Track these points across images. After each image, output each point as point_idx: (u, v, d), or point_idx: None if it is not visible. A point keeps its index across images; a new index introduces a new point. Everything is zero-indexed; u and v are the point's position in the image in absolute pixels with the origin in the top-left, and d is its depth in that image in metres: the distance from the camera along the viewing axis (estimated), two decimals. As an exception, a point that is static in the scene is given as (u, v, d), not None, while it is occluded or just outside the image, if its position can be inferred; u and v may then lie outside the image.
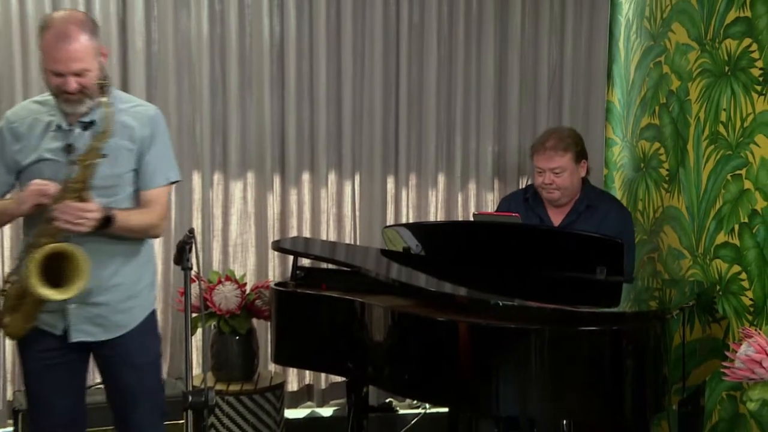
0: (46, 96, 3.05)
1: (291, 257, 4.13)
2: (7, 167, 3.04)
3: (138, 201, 3.10)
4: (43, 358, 3.06)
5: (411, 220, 4.93)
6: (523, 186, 4.81)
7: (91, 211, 2.82)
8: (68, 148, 2.92)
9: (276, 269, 4.80)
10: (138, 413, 3.11)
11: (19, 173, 3.03)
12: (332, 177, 4.85)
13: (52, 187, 2.86)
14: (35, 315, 2.97)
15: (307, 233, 4.82)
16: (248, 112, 4.65)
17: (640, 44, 4.70)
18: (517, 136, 5.00)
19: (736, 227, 3.87)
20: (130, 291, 3.11)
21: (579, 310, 3.15)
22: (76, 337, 3.03)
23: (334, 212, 4.88)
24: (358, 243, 4.87)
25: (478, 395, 3.09)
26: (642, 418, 3.59)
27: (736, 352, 3.04)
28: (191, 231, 2.83)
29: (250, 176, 4.71)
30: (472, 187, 5.02)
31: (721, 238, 3.98)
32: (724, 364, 3.12)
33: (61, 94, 2.90)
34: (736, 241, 3.88)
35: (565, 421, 4.69)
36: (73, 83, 2.86)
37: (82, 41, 2.87)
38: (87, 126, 2.94)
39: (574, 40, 5.04)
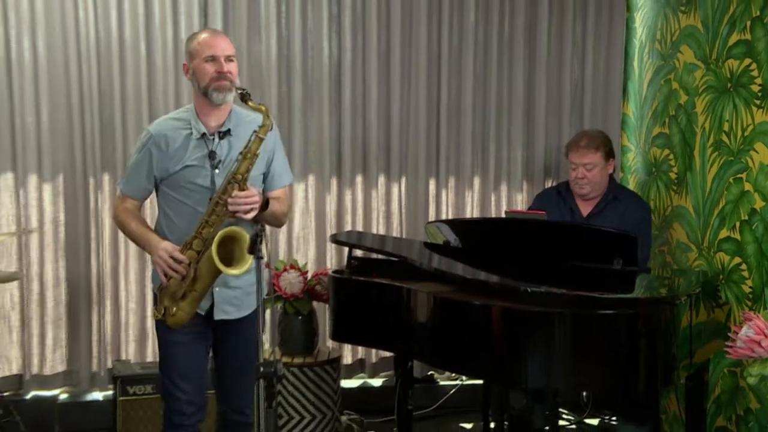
0: (180, 113, 3.12)
1: (346, 248, 4.14)
2: (149, 176, 3.07)
3: None
4: (188, 333, 3.05)
5: (450, 217, 4.93)
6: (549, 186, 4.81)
7: (254, 196, 2.90)
8: (211, 155, 2.96)
9: (333, 259, 4.82)
10: (245, 381, 3.03)
11: (164, 179, 3.06)
12: (381, 179, 4.85)
13: (177, 267, 2.91)
14: (200, 300, 2.99)
15: (359, 228, 4.83)
16: (309, 124, 4.67)
17: (652, 64, 4.68)
18: (544, 144, 4.99)
19: (737, 224, 3.86)
20: (254, 277, 3.05)
21: (598, 296, 3.12)
22: (218, 316, 3.06)
23: (383, 210, 4.88)
24: (403, 237, 4.87)
25: (508, 369, 3.10)
26: (653, 391, 3.58)
27: (738, 333, 3.03)
28: (262, 226, 2.85)
29: (311, 179, 4.74)
30: (503, 188, 5.01)
31: (723, 233, 3.96)
32: (727, 344, 3.11)
33: (213, 81, 2.93)
34: (738, 236, 3.86)
35: (584, 392, 4.73)
36: (225, 65, 2.93)
37: (228, 40, 3.05)
38: (223, 135, 2.98)
39: (593, 60, 5.02)
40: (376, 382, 5.00)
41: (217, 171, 2.97)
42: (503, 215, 4.85)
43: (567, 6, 4.95)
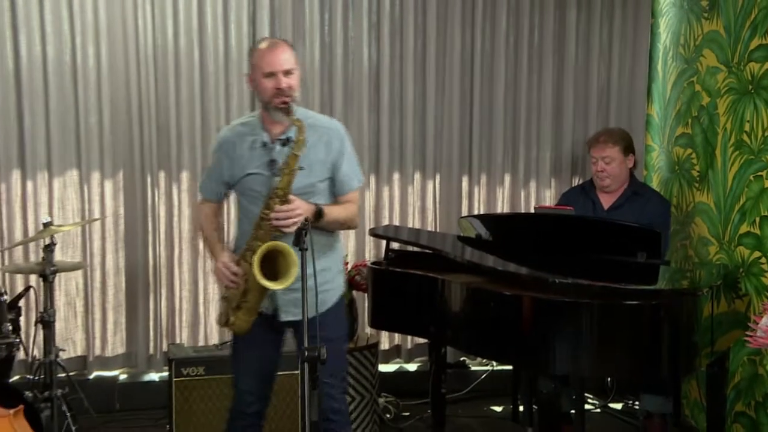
0: (248, 118, 3.05)
1: (384, 241, 4.16)
2: (222, 181, 3.04)
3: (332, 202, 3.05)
4: (256, 333, 2.98)
5: (482, 212, 4.90)
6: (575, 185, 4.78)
7: (297, 209, 2.77)
8: (271, 164, 2.85)
9: (371, 251, 4.82)
10: (326, 379, 2.93)
11: (232, 185, 3.03)
12: (417, 177, 4.85)
13: (232, 277, 2.88)
14: (257, 309, 2.93)
15: (396, 222, 4.83)
16: (350, 125, 4.61)
17: (675, 67, 4.61)
18: (571, 144, 4.96)
19: (757, 219, 3.81)
20: (326, 276, 2.99)
21: (623, 287, 3.11)
22: (284, 317, 2.99)
23: (419, 205, 4.87)
24: (438, 231, 4.85)
25: (537, 356, 3.10)
26: (675, 377, 3.54)
27: (758, 323, 2.96)
28: (307, 219, 2.83)
29: (351, 176, 4.74)
30: (532, 185, 4.98)
31: (744, 228, 3.91)
32: (747, 333, 3.04)
33: (273, 98, 2.84)
34: (757, 231, 3.81)
35: (609, 378, 4.68)
36: (283, 81, 2.82)
37: (288, 50, 2.88)
38: (285, 143, 2.84)
39: (619, 64, 4.97)
40: (412, 366, 5.00)
41: (276, 179, 2.85)
42: (532, 210, 4.81)
43: (594, 13, 4.92)
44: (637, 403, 4.53)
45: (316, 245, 2.82)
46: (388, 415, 4.47)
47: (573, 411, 3.92)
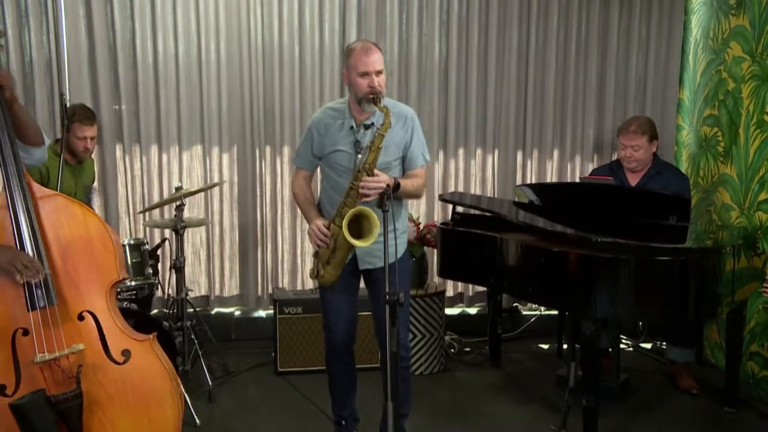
0: (338, 104, 3.02)
1: (450, 206, 4.18)
2: (314, 154, 3.03)
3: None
4: (339, 282, 2.97)
5: (534, 182, 4.88)
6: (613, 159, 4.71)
7: (380, 181, 2.76)
8: (357, 144, 2.86)
9: (439, 214, 4.86)
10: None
11: (321, 158, 3.02)
12: (479, 151, 4.85)
13: (323, 238, 2.88)
14: (342, 264, 2.93)
15: (461, 190, 4.85)
16: (422, 108, 4.66)
17: (705, 57, 4.51)
18: (612, 123, 4.89)
19: (775, 189, 3.72)
20: (395, 235, 2.94)
21: (656, 245, 3.10)
22: (362, 266, 3.00)
23: (480, 176, 4.89)
24: (496, 197, 4.86)
25: (580, 302, 3.12)
26: (700, 322, 3.49)
27: (772, 277, 2.94)
28: (388, 186, 2.83)
29: (424, 151, 4.78)
30: (578, 159, 4.95)
31: (762, 196, 3.88)
32: (764, 285, 3.02)
33: (367, 94, 2.82)
34: (774, 199, 3.72)
35: (641, 323, 4.66)
36: (375, 80, 2.81)
37: (379, 52, 2.86)
38: (368, 127, 2.88)
39: (655, 55, 4.90)
40: (473, 310, 5.03)
41: (359, 156, 2.86)
42: (578, 180, 4.77)
43: (634, 11, 4.85)
44: (664, 344, 4.52)
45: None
46: (452, 350, 4.51)
47: (610, 349, 3.94)
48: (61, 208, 2.28)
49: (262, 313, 4.77)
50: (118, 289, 3.49)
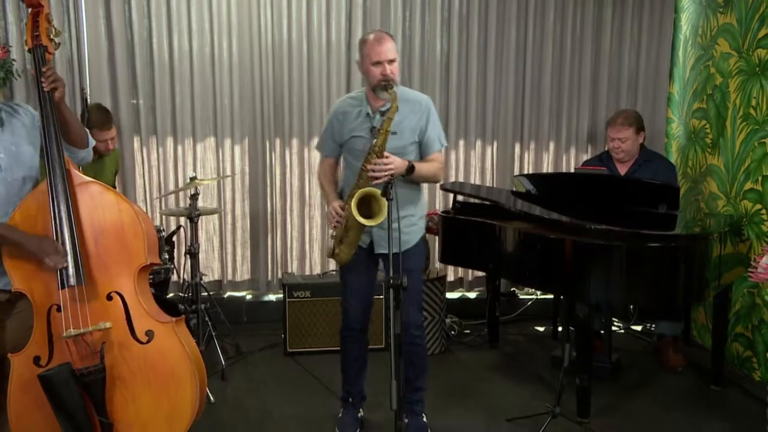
0: (357, 93, 3.04)
1: (451, 195, 4.23)
2: (335, 141, 3.04)
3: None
4: (357, 261, 2.99)
5: (531, 172, 4.89)
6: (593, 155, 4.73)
7: (390, 163, 2.76)
8: (372, 130, 2.83)
9: (441, 202, 4.88)
10: (407, 303, 2.81)
11: (341, 144, 3.02)
12: (478, 143, 4.86)
13: (338, 218, 2.91)
14: (356, 243, 2.93)
15: (461, 179, 4.86)
16: (424, 101, 4.69)
17: (694, 53, 4.53)
18: (605, 116, 4.86)
19: (760, 178, 3.80)
20: (411, 221, 3.01)
21: (647, 232, 3.12)
22: (378, 250, 2.98)
23: (479, 166, 4.89)
24: (494, 186, 4.87)
25: (575, 287, 3.14)
26: (688, 304, 3.49)
27: (759, 261, 2.97)
28: (393, 176, 2.80)
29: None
30: (572, 150, 4.96)
31: (748, 185, 3.89)
32: (750, 270, 3.05)
33: (380, 82, 2.81)
34: (759, 188, 3.80)
35: (632, 306, 4.68)
36: (388, 68, 2.81)
37: (391, 41, 2.86)
38: (384, 113, 2.85)
39: (647, 51, 4.90)
40: (472, 294, 5.04)
41: (374, 140, 2.83)
42: (572, 170, 4.79)
43: (627, 9, 4.85)
44: (653, 326, 4.56)
45: (404, 197, 2.90)
46: (453, 332, 4.53)
47: (602, 331, 3.99)
48: (96, 194, 2.33)
49: (272, 297, 4.78)
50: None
